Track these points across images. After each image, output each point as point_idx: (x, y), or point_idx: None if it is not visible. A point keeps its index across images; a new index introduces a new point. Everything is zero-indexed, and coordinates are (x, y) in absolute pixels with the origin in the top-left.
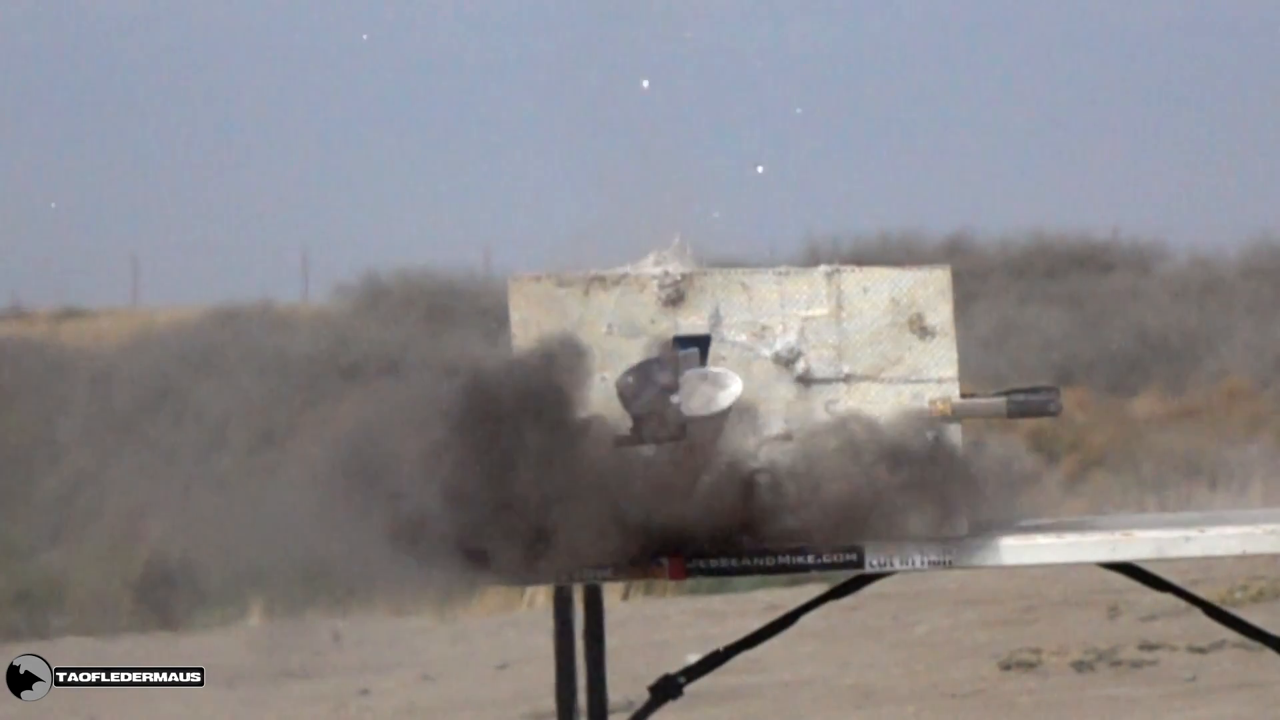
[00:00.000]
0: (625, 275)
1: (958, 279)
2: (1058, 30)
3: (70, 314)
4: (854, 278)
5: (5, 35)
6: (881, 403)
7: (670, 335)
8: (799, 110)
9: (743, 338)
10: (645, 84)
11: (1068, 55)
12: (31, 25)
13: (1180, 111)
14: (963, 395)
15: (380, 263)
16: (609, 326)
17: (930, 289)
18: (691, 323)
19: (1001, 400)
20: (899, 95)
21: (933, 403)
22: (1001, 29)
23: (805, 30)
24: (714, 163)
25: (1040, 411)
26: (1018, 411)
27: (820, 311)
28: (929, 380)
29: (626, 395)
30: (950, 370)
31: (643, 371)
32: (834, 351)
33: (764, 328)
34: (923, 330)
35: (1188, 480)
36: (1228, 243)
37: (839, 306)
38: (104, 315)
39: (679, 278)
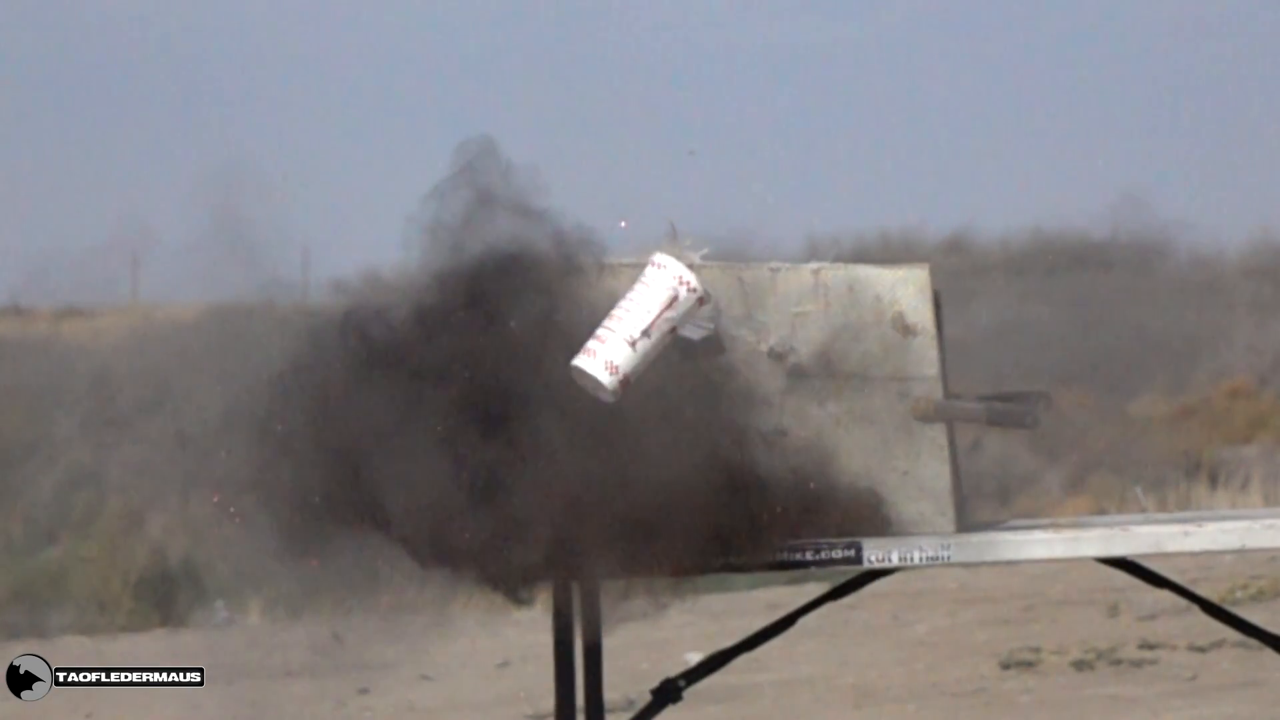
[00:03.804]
0: (630, 264)
1: (956, 277)
2: (1058, 28)
3: (70, 312)
4: (839, 275)
5: (5, 33)
6: (869, 400)
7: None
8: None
9: (741, 331)
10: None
11: (1068, 53)
12: (31, 23)
13: (1182, 110)
14: (949, 396)
15: (381, 260)
16: None
17: (910, 288)
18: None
19: (981, 406)
20: (899, 93)
21: (915, 402)
22: (1002, 26)
23: (806, 29)
24: (713, 162)
25: (1018, 423)
26: (995, 420)
27: (810, 307)
28: (913, 379)
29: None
30: (933, 369)
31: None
32: (823, 347)
33: (760, 322)
34: (905, 328)
35: (1188, 480)
36: (1228, 242)
37: (827, 303)
38: (104, 313)
39: None
